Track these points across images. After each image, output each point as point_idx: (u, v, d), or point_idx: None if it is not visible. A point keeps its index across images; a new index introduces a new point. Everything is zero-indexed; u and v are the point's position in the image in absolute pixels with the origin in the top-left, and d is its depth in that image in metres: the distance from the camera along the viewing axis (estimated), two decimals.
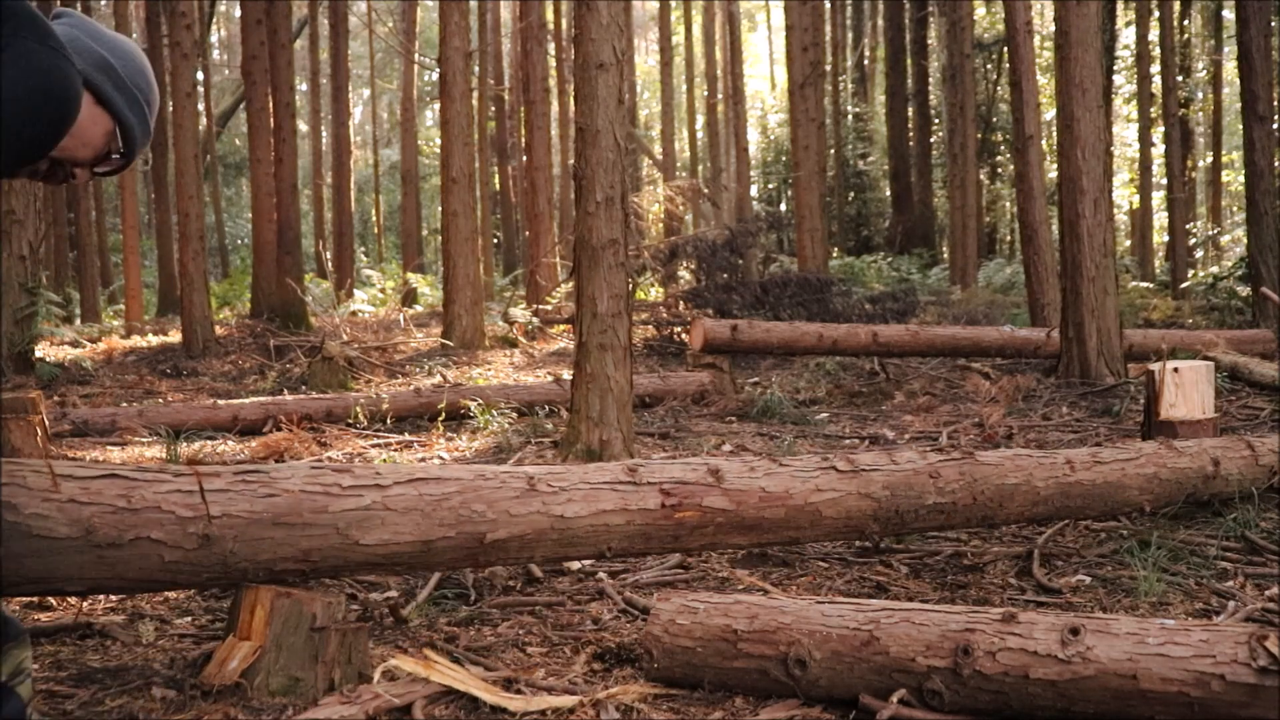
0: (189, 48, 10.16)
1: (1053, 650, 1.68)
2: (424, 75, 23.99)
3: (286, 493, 1.95)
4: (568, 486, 2.15)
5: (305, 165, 22.24)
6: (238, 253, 23.75)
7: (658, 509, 2.14)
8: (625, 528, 2.15)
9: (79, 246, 16.01)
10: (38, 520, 1.76)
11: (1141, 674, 1.62)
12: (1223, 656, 1.60)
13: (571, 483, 2.16)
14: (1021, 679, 1.69)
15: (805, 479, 2.38)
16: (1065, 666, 1.67)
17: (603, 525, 2.14)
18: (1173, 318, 10.48)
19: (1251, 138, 8.88)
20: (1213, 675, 1.59)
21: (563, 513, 2.11)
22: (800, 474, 2.39)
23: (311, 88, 21.08)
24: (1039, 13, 16.97)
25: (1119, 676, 1.64)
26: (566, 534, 2.12)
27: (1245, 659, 1.58)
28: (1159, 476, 2.84)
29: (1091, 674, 1.65)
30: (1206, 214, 20.65)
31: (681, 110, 27.51)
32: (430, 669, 1.87)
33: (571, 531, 2.12)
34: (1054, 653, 1.68)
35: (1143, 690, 1.62)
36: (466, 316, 9.67)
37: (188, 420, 5.46)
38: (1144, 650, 1.64)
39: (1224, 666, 1.59)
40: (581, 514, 2.13)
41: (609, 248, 4.13)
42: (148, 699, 1.84)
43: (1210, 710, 1.59)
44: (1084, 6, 5.91)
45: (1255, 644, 1.58)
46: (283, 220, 11.31)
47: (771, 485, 2.33)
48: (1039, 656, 1.69)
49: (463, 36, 9.73)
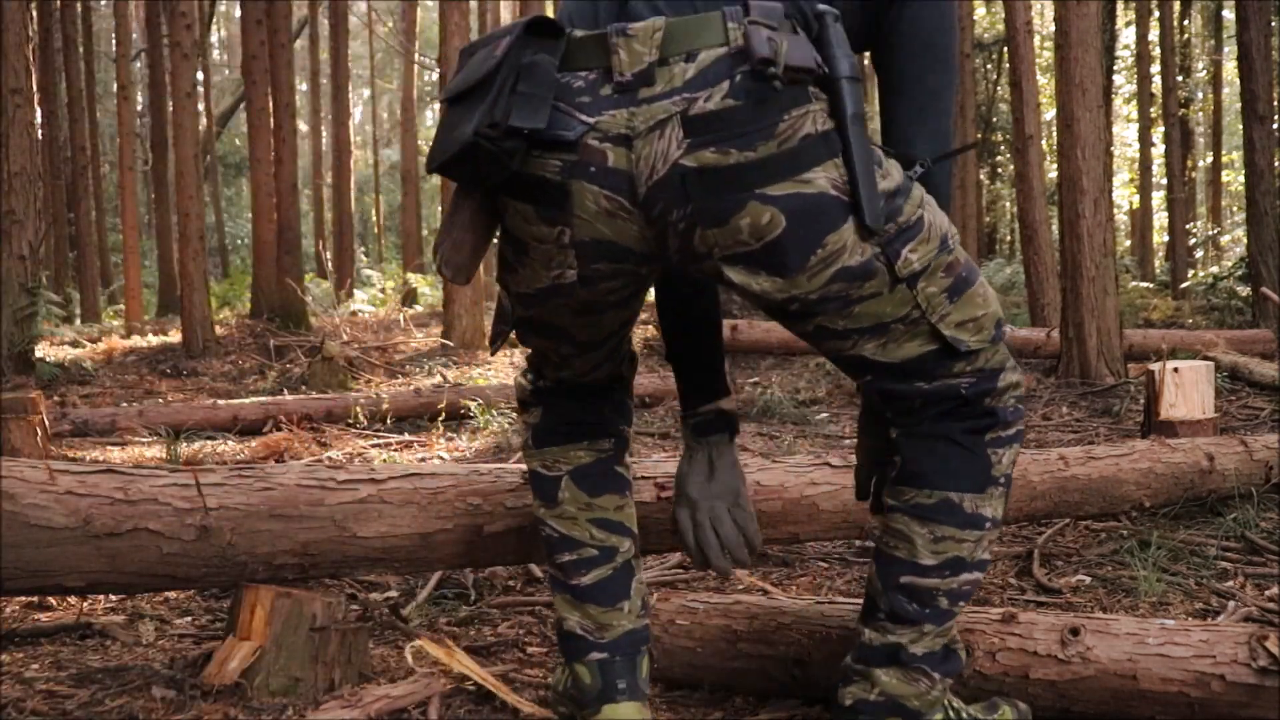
0: (189, 48, 10.17)
1: (1053, 650, 1.68)
2: (424, 75, 24.00)
3: (282, 486, 1.97)
4: None
5: (305, 165, 22.24)
6: (238, 253, 23.75)
7: (653, 502, 2.14)
8: None
9: (79, 246, 16.02)
10: (35, 510, 1.77)
11: (1141, 674, 1.63)
12: (1222, 657, 1.59)
13: None
14: (1021, 679, 1.69)
15: (800, 473, 2.38)
16: (1065, 667, 1.67)
17: None
18: (1173, 318, 10.48)
19: (1251, 138, 8.88)
20: (1212, 675, 1.58)
21: None
22: (795, 469, 2.40)
23: (311, 88, 21.09)
24: (1039, 13, 16.97)
25: (1119, 677, 1.64)
26: None
27: (1245, 659, 1.58)
28: (1154, 471, 2.85)
29: (1091, 674, 1.65)
30: (1206, 214, 20.66)
31: None
32: (452, 658, 1.87)
33: None
34: (1054, 653, 1.68)
35: (1142, 690, 1.62)
36: (466, 316, 9.67)
37: (188, 420, 5.46)
38: (1144, 650, 1.64)
39: (1224, 667, 1.58)
40: None
41: None
42: (148, 699, 1.84)
43: (1210, 710, 1.59)
44: (1084, 6, 5.91)
45: (1255, 644, 1.58)
46: (283, 220, 11.31)
47: (766, 479, 2.33)
48: (1039, 657, 1.69)
49: (463, 36, 9.73)
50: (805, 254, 1.40)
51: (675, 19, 1.39)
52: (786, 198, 1.38)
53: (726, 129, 1.37)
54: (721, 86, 1.37)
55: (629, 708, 1.64)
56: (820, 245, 1.40)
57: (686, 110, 1.37)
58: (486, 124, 1.36)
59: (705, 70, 1.37)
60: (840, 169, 1.40)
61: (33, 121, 8.20)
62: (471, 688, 1.87)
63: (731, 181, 1.38)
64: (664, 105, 1.38)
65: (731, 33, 1.38)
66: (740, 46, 1.37)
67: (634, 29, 1.38)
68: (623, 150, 1.39)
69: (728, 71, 1.37)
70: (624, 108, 1.39)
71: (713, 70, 1.37)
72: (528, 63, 1.39)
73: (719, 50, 1.38)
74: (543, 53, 1.40)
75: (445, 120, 1.45)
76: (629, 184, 1.40)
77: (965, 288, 1.52)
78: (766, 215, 1.38)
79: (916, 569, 1.53)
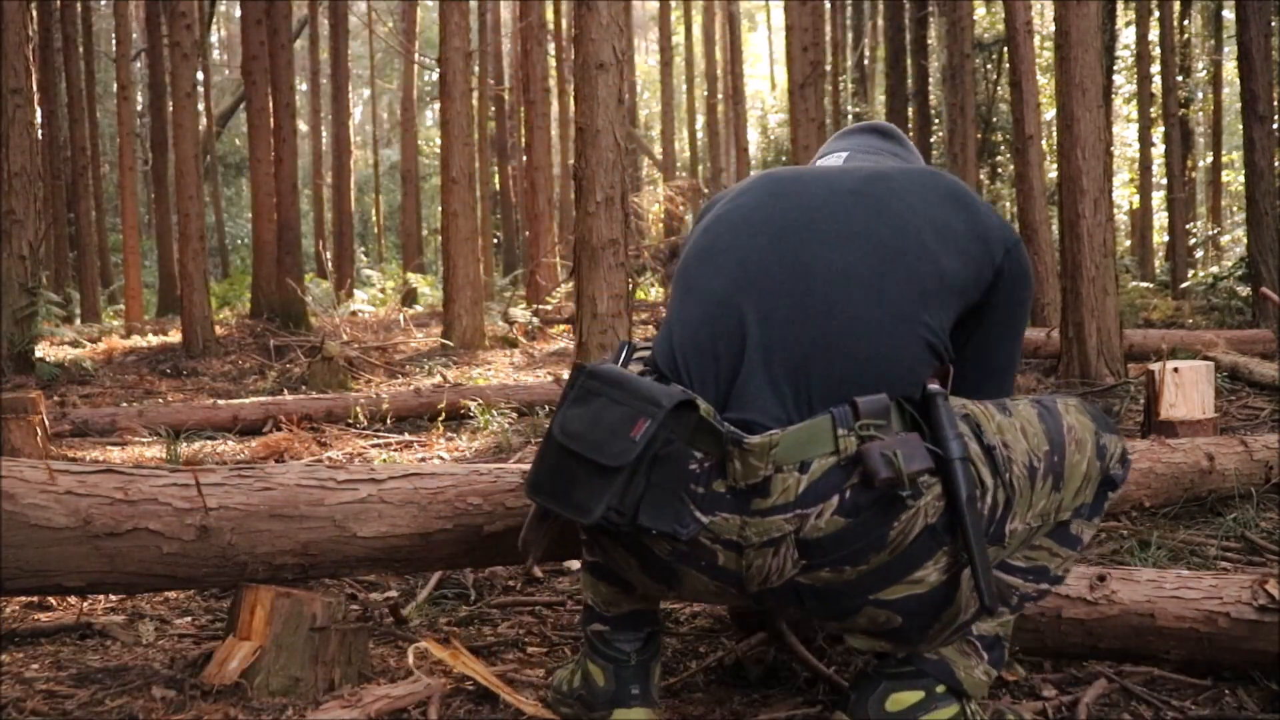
0: (189, 48, 10.17)
1: (1082, 594, 1.91)
2: (424, 75, 23.99)
3: (282, 486, 1.97)
4: None
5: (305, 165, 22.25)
6: (238, 253, 23.76)
7: None
8: None
9: (79, 246, 16.03)
10: (35, 510, 1.77)
11: (1158, 613, 1.86)
12: (1228, 598, 1.83)
13: None
14: (1055, 618, 1.91)
15: None
16: (1093, 608, 1.90)
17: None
18: (1173, 318, 10.48)
19: (1251, 138, 8.88)
20: (1219, 614, 1.81)
21: None
22: None
23: (311, 88, 21.09)
24: (1039, 13, 16.97)
25: (1139, 615, 1.87)
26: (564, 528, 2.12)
27: (1248, 599, 1.80)
28: (1154, 471, 2.86)
29: (1115, 613, 1.88)
30: (1206, 214, 20.66)
31: (681, 110, 27.52)
32: (456, 659, 1.87)
33: (569, 526, 2.12)
34: (1083, 595, 1.91)
35: (1159, 627, 1.85)
36: (466, 316, 9.67)
37: (188, 420, 5.46)
38: (1161, 593, 1.88)
39: (1230, 606, 1.81)
40: None
41: (609, 248, 4.13)
42: (148, 699, 1.84)
43: (1217, 643, 1.82)
44: (1084, 6, 5.90)
45: (1257, 587, 1.81)
46: (283, 220, 11.31)
47: None
48: (1070, 599, 1.91)
49: (463, 36, 9.73)
50: (924, 631, 1.50)
51: (790, 434, 1.41)
52: (901, 600, 1.45)
53: (840, 549, 1.41)
54: (832, 502, 1.40)
55: (640, 713, 1.66)
56: (938, 620, 1.49)
57: (800, 529, 1.41)
58: (615, 507, 1.41)
59: (817, 482, 1.40)
60: (951, 555, 1.45)
61: (33, 121, 8.20)
62: (471, 687, 1.87)
63: (846, 593, 1.45)
64: (778, 522, 1.41)
65: (842, 440, 1.41)
66: (851, 456, 1.40)
67: (750, 444, 1.40)
68: (733, 554, 1.44)
69: (839, 484, 1.40)
70: (737, 514, 1.42)
71: (824, 482, 1.40)
72: (664, 454, 1.42)
73: (830, 460, 1.41)
74: (677, 438, 1.42)
75: (558, 460, 1.47)
76: (738, 581, 1.46)
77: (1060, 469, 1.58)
78: (883, 615, 1.47)
79: (1004, 565, 1.60)
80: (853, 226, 1.55)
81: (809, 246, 1.54)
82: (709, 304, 1.55)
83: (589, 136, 4.14)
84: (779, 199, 1.62)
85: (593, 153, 4.12)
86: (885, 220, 1.55)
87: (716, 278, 1.57)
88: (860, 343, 1.47)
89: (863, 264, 1.51)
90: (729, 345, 1.51)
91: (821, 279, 1.51)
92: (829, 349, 1.47)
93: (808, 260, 1.52)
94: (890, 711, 1.50)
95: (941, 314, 1.53)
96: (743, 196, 1.67)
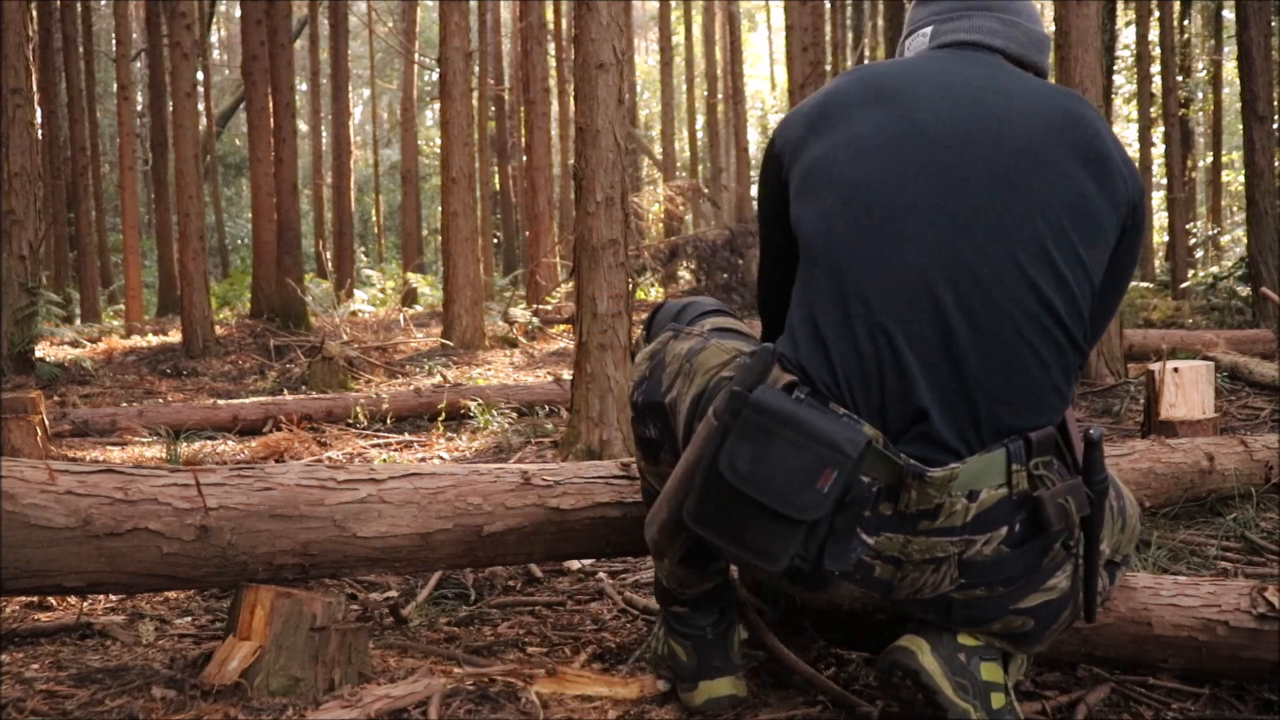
0: (189, 48, 10.17)
1: None
2: (424, 75, 24.00)
3: (282, 486, 1.97)
4: (562, 480, 2.16)
5: (305, 165, 22.24)
6: (238, 253, 23.76)
7: None
8: (623, 521, 2.15)
9: (79, 246, 16.02)
10: (35, 510, 1.77)
11: (1155, 621, 1.81)
12: (1227, 605, 1.78)
13: (566, 477, 2.17)
14: None
15: None
16: None
17: (600, 518, 2.14)
18: (1173, 318, 10.48)
19: (1251, 138, 8.88)
20: (1218, 622, 1.77)
21: (559, 505, 2.12)
22: None
23: (311, 88, 21.09)
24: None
25: (1135, 624, 1.82)
26: (564, 527, 2.12)
27: (1247, 607, 1.76)
28: (1154, 471, 2.85)
29: (1111, 621, 1.83)
30: (1206, 214, 20.65)
31: (681, 110, 27.52)
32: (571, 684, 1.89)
33: (569, 525, 2.12)
34: None
35: (1156, 635, 1.81)
36: (466, 316, 9.67)
37: (188, 420, 5.46)
38: (1158, 601, 1.83)
39: (1228, 614, 1.77)
40: (579, 505, 2.13)
41: (609, 248, 4.13)
42: (148, 699, 1.84)
43: (1215, 652, 1.78)
44: (1084, 6, 5.90)
45: (1256, 594, 1.77)
46: (283, 220, 11.31)
47: None
48: None
49: (463, 36, 9.73)
50: (1048, 632, 1.56)
51: (968, 468, 1.41)
52: (1038, 607, 1.51)
53: (998, 574, 1.46)
54: (1000, 532, 1.43)
55: (724, 683, 1.74)
56: (1058, 621, 1.56)
57: (964, 552, 1.44)
58: (800, 553, 1.42)
59: (987, 511, 1.42)
60: (1074, 563, 1.53)
61: (33, 121, 8.20)
62: (471, 687, 1.87)
63: (992, 605, 1.50)
64: (943, 543, 1.43)
65: (1015, 475, 1.42)
66: (1023, 492, 1.43)
67: (932, 477, 1.40)
68: (890, 567, 1.46)
69: (1008, 517, 1.43)
70: (902, 533, 1.43)
71: (994, 512, 1.43)
72: (849, 499, 1.41)
73: (1000, 492, 1.42)
74: (860, 476, 1.40)
75: (729, 499, 1.43)
76: (886, 590, 1.48)
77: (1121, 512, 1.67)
78: (1019, 621, 1.52)
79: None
80: (1001, 229, 1.44)
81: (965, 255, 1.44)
82: (865, 320, 1.44)
83: (589, 136, 4.13)
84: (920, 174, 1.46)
85: (593, 153, 4.12)
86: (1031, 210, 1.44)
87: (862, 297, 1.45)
88: (1027, 373, 1.44)
89: (1024, 282, 1.43)
90: (893, 367, 1.44)
91: (987, 294, 1.43)
92: (993, 372, 1.43)
93: (976, 265, 1.43)
94: (963, 644, 1.52)
95: (1084, 326, 1.51)
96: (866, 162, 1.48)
